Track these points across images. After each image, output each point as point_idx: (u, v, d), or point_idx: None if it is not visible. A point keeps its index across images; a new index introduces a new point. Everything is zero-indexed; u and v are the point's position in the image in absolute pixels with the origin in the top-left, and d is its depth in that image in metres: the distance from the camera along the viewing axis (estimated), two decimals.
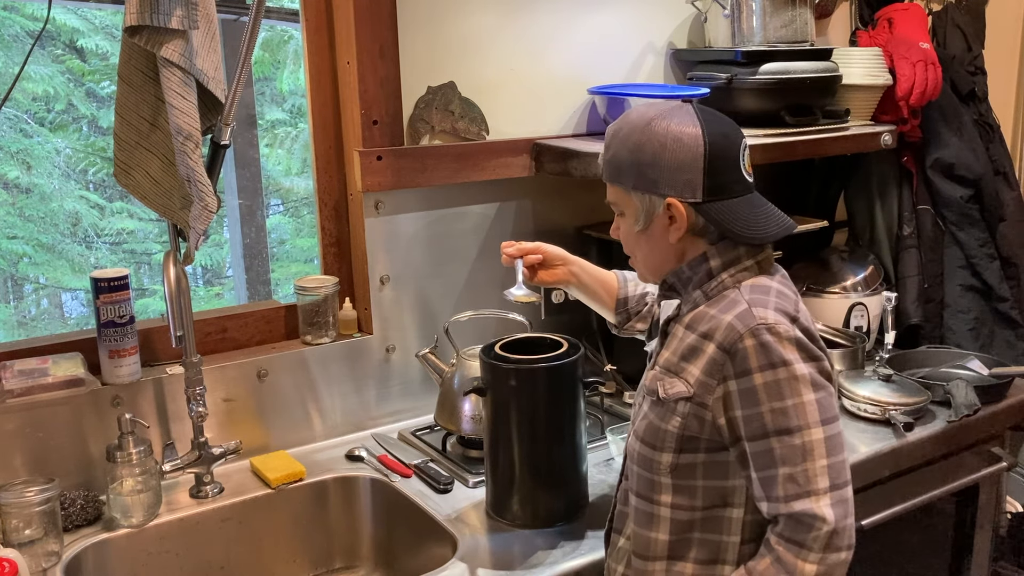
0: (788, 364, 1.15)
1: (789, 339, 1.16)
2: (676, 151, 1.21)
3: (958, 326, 2.44)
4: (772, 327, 1.16)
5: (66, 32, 4.56)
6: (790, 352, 1.16)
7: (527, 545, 1.52)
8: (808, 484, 1.15)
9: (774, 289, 1.23)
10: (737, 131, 1.27)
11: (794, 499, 1.15)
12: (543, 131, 2.09)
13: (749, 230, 1.23)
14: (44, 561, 1.48)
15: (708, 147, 1.20)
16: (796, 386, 1.15)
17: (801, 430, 1.15)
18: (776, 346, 1.16)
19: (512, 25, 2.02)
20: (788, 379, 1.15)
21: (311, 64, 1.90)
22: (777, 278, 1.27)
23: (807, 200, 2.54)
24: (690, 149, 1.20)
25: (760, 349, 1.16)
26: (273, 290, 4.78)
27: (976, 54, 2.61)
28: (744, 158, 1.25)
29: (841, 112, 2.20)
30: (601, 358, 2.10)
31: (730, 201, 1.23)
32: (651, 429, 1.26)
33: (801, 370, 1.16)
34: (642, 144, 1.22)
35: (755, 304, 1.19)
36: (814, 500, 1.14)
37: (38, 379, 1.63)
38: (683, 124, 1.21)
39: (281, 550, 1.75)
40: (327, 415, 1.93)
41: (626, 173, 1.25)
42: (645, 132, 1.22)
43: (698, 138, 1.20)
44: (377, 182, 1.86)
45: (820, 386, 1.17)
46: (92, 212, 4.82)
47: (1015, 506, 2.43)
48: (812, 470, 1.15)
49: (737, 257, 1.25)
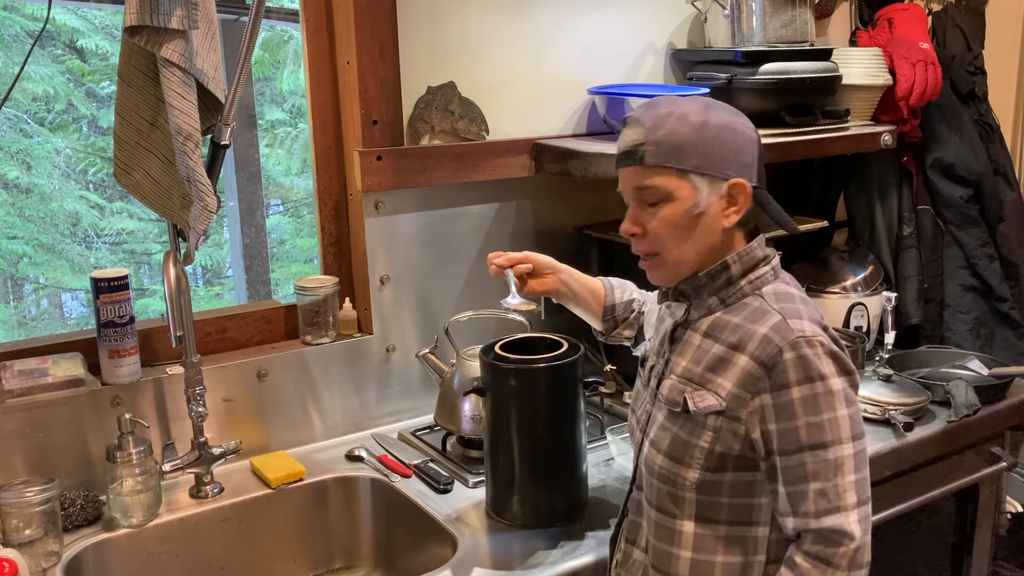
0: (825, 378, 1.15)
1: (827, 352, 1.16)
2: (741, 132, 1.22)
3: (958, 326, 2.44)
4: (811, 340, 1.15)
5: (66, 32, 4.55)
6: (827, 366, 1.15)
7: (527, 545, 1.52)
8: (838, 500, 1.14)
9: (798, 296, 1.23)
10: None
11: (824, 514, 1.14)
12: (543, 131, 2.09)
13: (786, 220, 1.25)
14: (44, 561, 1.48)
15: (758, 133, 1.24)
16: (832, 401, 1.15)
17: (834, 445, 1.14)
18: (814, 360, 1.15)
19: (512, 25, 2.02)
20: (825, 393, 1.15)
21: (311, 64, 1.90)
22: (792, 284, 1.27)
23: (807, 200, 2.54)
24: (746, 134, 1.23)
25: (799, 363, 1.15)
26: (273, 290, 4.78)
27: (976, 54, 2.61)
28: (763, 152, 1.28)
29: (841, 112, 2.20)
30: (601, 358, 2.10)
31: (766, 192, 1.26)
32: (677, 443, 1.23)
33: (837, 385, 1.15)
34: (708, 123, 1.20)
35: (789, 315, 1.18)
36: (844, 516, 1.14)
37: (38, 379, 1.63)
38: (734, 113, 1.24)
39: (281, 550, 1.75)
40: (327, 415, 1.93)
41: (687, 152, 1.19)
42: (708, 113, 1.21)
43: (749, 124, 1.23)
44: (377, 182, 1.86)
45: (852, 401, 1.17)
46: (92, 212, 4.82)
47: (1015, 506, 2.43)
48: (842, 485, 1.14)
49: (756, 263, 1.24)
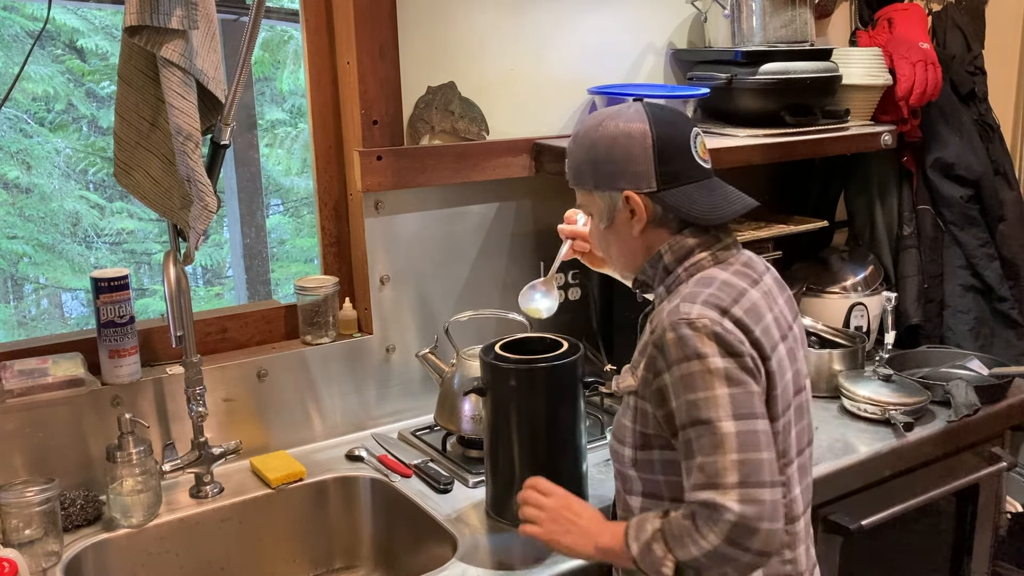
0: (703, 357, 1.16)
1: (708, 333, 1.17)
2: (627, 145, 1.26)
3: (958, 326, 2.44)
4: (692, 321, 1.17)
5: (66, 32, 4.56)
6: (706, 346, 1.16)
7: (527, 545, 1.52)
8: (716, 477, 1.13)
9: (719, 280, 1.24)
10: (686, 121, 1.31)
11: (700, 489, 1.15)
12: (543, 131, 2.09)
13: (705, 212, 1.26)
14: (44, 561, 1.48)
15: (656, 138, 1.25)
16: (709, 379, 1.15)
17: (711, 422, 1.14)
18: (693, 340, 1.16)
19: (512, 25, 2.02)
20: (702, 372, 1.16)
21: (311, 64, 1.90)
22: (734, 267, 1.28)
23: (807, 200, 2.54)
24: (639, 142, 1.25)
25: (678, 343, 1.17)
26: (273, 290, 4.79)
27: (976, 54, 2.61)
28: (696, 145, 1.28)
29: (841, 112, 2.20)
30: (601, 358, 2.10)
31: (685, 187, 1.27)
32: (618, 423, 1.31)
33: (715, 364, 1.16)
34: (595, 143, 1.28)
35: (687, 298, 1.21)
36: (719, 493, 1.13)
37: (38, 379, 1.63)
38: (631, 120, 1.26)
39: (281, 550, 1.75)
40: (327, 415, 1.93)
41: (585, 174, 1.31)
42: (597, 132, 1.28)
43: (645, 130, 1.25)
44: (377, 182, 1.86)
45: (737, 382, 1.16)
46: (92, 212, 4.82)
47: (1015, 506, 2.43)
48: (721, 463, 1.13)
49: (689, 250, 1.28)
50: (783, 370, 1.24)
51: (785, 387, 1.25)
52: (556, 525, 1.31)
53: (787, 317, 1.31)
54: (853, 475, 1.81)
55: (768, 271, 1.34)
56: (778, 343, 1.25)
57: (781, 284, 1.36)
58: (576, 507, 1.33)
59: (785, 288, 1.36)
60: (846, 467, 1.79)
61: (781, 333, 1.27)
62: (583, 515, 1.31)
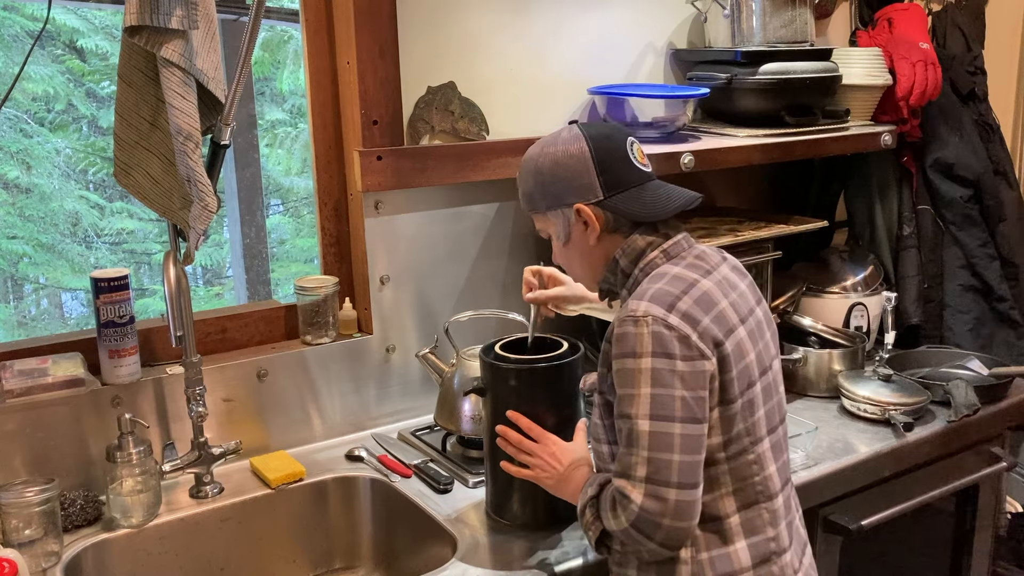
0: (636, 356, 1.22)
1: (648, 331, 1.22)
2: (568, 163, 1.34)
3: (958, 326, 2.44)
4: (637, 318, 1.23)
5: (66, 32, 4.56)
6: (642, 345, 1.22)
7: (527, 545, 1.52)
8: (628, 468, 1.22)
9: (670, 275, 1.29)
10: (620, 131, 1.39)
11: (616, 476, 1.24)
12: (543, 131, 2.06)
13: (650, 209, 1.33)
14: (44, 561, 1.48)
15: (593, 151, 1.33)
16: (637, 377, 1.22)
17: (630, 418, 1.22)
18: (632, 337, 1.23)
19: (512, 25, 2.02)
20: (633, 370, 1.22)
21: (311, 64, 1.90)
22: (687, 261, 1.33)
23: (807, 200, 2.55)
24: (578, 157, 1.34)
25: (621, 339, 1.24)
26: (273, 290, 4.79)
27: (976, 54, 2.61)
28: (633, 151, 1.36)
29: (841, 112, 2.20)
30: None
31: (629, 191, 1.34)
32: (591, 424, 1.39)
33: (644, 364, 1.21)
34: (540, 169, 1.37)
35: (636, 295, 1.27)
36: (629, 483, 1.21)
37: (38, 379, 1.63)
38: (568, 142, 1.35)
39: (281, 550, 1.75)
40: (327, 415, 1.93)
41: (536, 198, 1.39)
42: (540, 159, 1.38)
43: (583, 147, 1.34)
44: (377, 182, 1.86)
45: (661, 383, 1.21)
46: (92, 212, 4.83)
47: (1015, 506, 2.44)
48: (634, 457, 1.21)
49: (641, 251, 1.34)
50: (742, 352, 1.28)
51: (746, 368, 1.28)
52: (542, 471, 1.43)
53: (748, 301, 1.36)
54: (853, 475, 1.81)
55: (725, 261, 1.40)
56: (736, 327, 1.29)
57: (741, 272, 1.41)
58: (559, 453, 1.43)
59: (746, 275, 1.41)
60: (846, 467, 1.79)
61: (740, 317, 1.31)
62: (563, 461, 1.42)
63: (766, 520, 1.30)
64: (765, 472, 1.31)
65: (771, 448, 1.33)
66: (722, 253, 1.42)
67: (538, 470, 1.44)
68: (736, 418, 1.27)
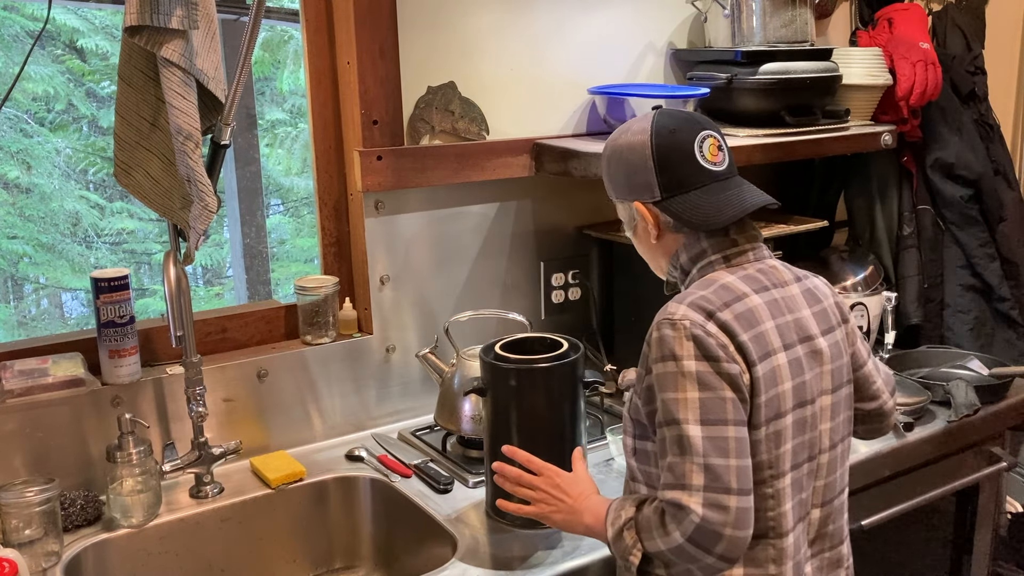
0: (678, 359, 1.18)
1: (687, 335, 1.18)
2: (629, 158, 1.30)
3: (958, 326, 2.44)
4: (675, 322, 1.20)
5: (66, 32, 4.56)
6: (683, 348, 1.18)
7: (527, 545, 1.52)
8: (682, 477, 1.16)
9: (718, 283, 1.25)
10: (691, 125, 1.30)
11: (668, 488, 1.17)
12: (543, 131, 2.09)
13: (705, 218, 1.27)
14: (44, 561, 1.48)
15: (655, 148, 1.28)
16: (681, 381, 1.17)
17: (679, 424, 1.17)
18: (671, 340, 1.19)
19: (512, 25, 2.02)
20: (676, 374, 1.18)
21: (311, 64, 1.90)
22: (746, 272, 1.28)
23: (807, 200, 2.54)
24: (639, 153, 1.29)
25: (660, 342, 1.20)
26: (273, 290, 4.79)
27: (976, 54, 2.61)
28: (701, 149, 1.29)
29: (841, 112, 2.20)
30: (601, 358, 2.10)
31: (691, 193, 1.28)
32: (623, 416, 1.35)
33: (689, 367, 1.17)
34: (609, 159, 1.35)
35: (677, 299, 1.24)
36: (685, 494, 1.15)
37: (38, 379, 1.63)
38: (636, 133, 1.30)
39: (281, 550, 1.75)
40: (327, 415, 1.93)
41: (608, 187, 1.38)
42: (609, 148, 1.35)
43: (645, 141, 1.28)
44: (377, 182, 1.86)
45: (708, 386, 1.17)
46: (92, 212, 4.83)
47: (1015, 506, 2.43)
48: (688, 465, 1.15)
49: (702, 252, 1.30)
50: (777, 379, 1.22)
51: (778, 396, 1.22)
52: (547, 505, 1.37)
53: (808, 328, 1.29)
54: (853, 475, 1.80)
55: (798, 281, 1.33)
56: (777, 351, 1.23)
57: (814, 297, 1.33)
58: (564, 485, 1.37)
59: (821, 301, 1.33)
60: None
61: (786, 342, 1.25)
62: (571, 493, 1.36)
63: (771, 556, 1.24)
64: (780, 508, 1.24)
65: (791, 484, 1.25)
66: (801, 273, 1.35)
67: (542, 505, 1.37)
68: (759, 447, 1.21)
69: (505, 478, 1.41)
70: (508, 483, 1.41)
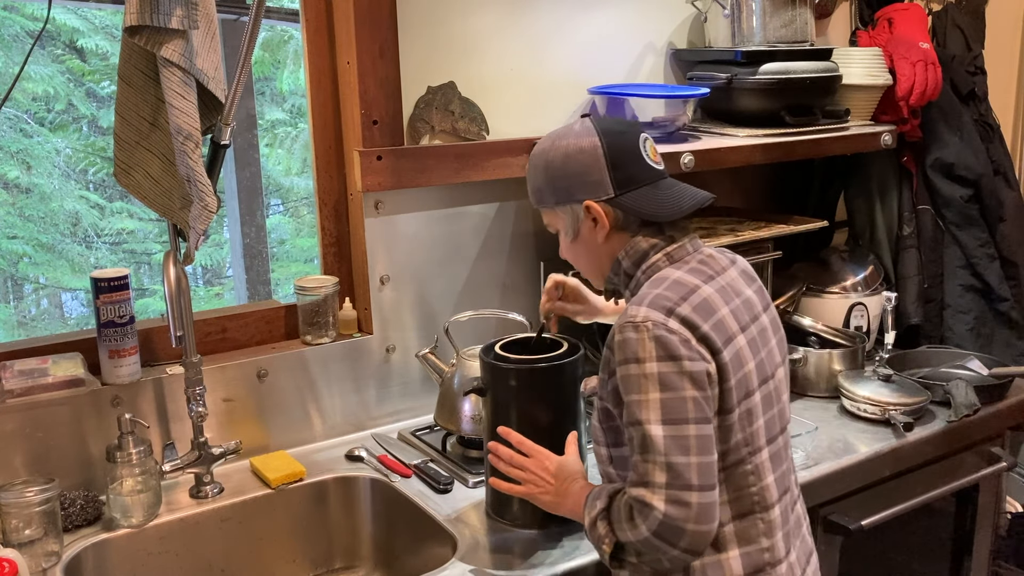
0: (640, 361, 1.20)
1: (650, 336, 1.20)
2: (579, 158, 1.32)
3: (958, 326, 2.44)
4: (638, 324, 1.21)
5: (66, 32, 4.56)
6: (645, 350, 1.20)
7: (527, 545, 1.52)
8: (646, 475, 1.20)
9: (670, 280, 1.28)
10: (634, 127, 1.37)
11: (633, 485, 1.22)
12: (543, 131, 2.06)
13: (660, 209, 1.31)
14: (44, 561, 1.48)
15: (606, 147, 1.32)
16: (644, 383, 1.20)
17: (643, 424, 1.20)
18: (633, 343, 1.21)
19: (512, 25, 2.02)
20: (638, 375, 1.21)
21: (311, 64, 1.90)
22: (690, 265, 1.31)
23: (807, 200, 2.55)
24: (589, 153, 1.32)
25: (622, 345, 1.22)
26: (273, 290, 4.79)
27: (976, 54, 2.61)
28: (645, 148, 1.34)
29: (841, 112, 2.20)
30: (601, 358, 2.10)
31: (641, 189, 1.32)
32: (591, 426, 1.37)
33: (651, 368, 1.20)
34: (550, 163, 1.35)
35: (637, 301, 1.25)
36: (648, 491, 1.19)
37: (38, 379, 1.63)
38: (580, 136, 1.33)
39: (281, 550, 1.75)
40: (327, 415, 1.93)
41: (546, 193, 1.37)
42: (550, 152, 1.35)
43: (595, 142, 1.32)
44: (377, 182, 1.86)
45: (670, 387, 1.19)
46: (92, 212, 4.83)
47: (1015, 506, 2.44)
48: (651, 463, 1.19)
49: (644, 253, 1.33)
50: (740, 362, 1.26)
51: (744, 378, 1.26)
52: (535, 486, 1.41)
53: (753, 308, 1.34)
54: (853, 475, 1.81)
55: (733, 264, 1.38)
56: (735, 335, 1.27)
57: (749, 276, 1.39)
58: (552, 468, 1.41)
59: (754, 280, 1.39)
60: (846, 467, 1.79)
61: (741, 324, 1.29)
62: (558, 475, 1.40)
63: (761, 530, 1.28)
64: (763, 483, 1.29)
65: (770, 458, 1.31)
66: (731, 256, 1.40)
67: (531, 485, 1.42)
68: (734, 428, 1.25)
69: (499, 458, 1.45)
70: (501, 463, 1.45)
